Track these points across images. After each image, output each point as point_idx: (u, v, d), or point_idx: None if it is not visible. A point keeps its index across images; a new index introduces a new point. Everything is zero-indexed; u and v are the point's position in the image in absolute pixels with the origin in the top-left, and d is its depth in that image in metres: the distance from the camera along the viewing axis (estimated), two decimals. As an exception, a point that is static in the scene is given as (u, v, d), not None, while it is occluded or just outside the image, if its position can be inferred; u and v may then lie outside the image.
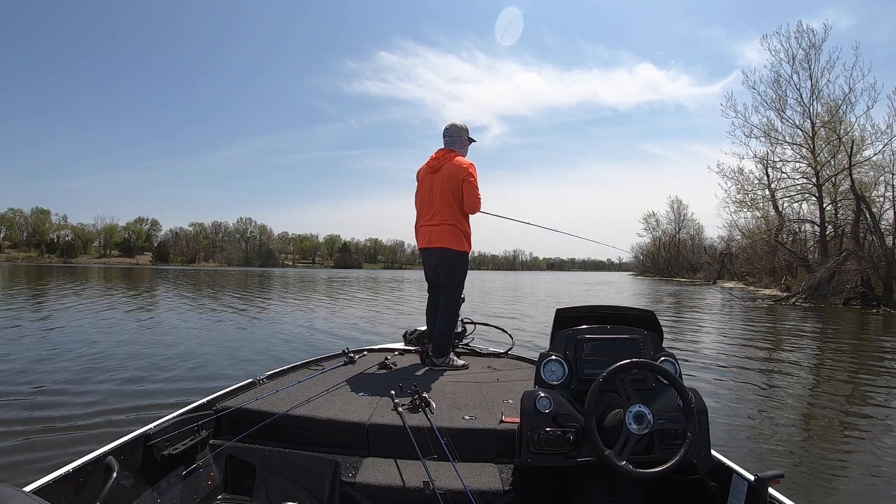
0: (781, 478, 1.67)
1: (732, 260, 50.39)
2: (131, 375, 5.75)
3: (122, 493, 1.88)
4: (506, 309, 16.51)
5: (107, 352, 7.14)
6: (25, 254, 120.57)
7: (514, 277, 71.87)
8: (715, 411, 4.54)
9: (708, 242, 70.40)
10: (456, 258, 3.71)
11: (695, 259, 68.50)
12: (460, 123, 3.93)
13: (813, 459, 3.75)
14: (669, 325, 12.24)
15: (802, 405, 5.36)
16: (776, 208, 33.79)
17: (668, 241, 76.56)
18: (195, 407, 2.40)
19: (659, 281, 58.86)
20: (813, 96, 28.46)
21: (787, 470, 3.24)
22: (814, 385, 6.41)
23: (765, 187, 32.16)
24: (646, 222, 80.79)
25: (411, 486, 1.97)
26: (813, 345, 9.92)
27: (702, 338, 10.38)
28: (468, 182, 3.65)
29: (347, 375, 3.10)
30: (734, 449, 3.81)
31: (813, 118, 28.47)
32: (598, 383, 1.79)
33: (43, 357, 6.66)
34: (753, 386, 6.04)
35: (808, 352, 9.05)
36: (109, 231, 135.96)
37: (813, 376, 6.96)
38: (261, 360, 6.78)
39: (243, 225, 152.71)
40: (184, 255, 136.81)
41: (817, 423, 4.75)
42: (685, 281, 55.69)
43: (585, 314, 2.16)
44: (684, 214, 76.75)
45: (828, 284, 20.67)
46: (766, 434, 4.30)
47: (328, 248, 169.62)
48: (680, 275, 66.87)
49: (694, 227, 74.98)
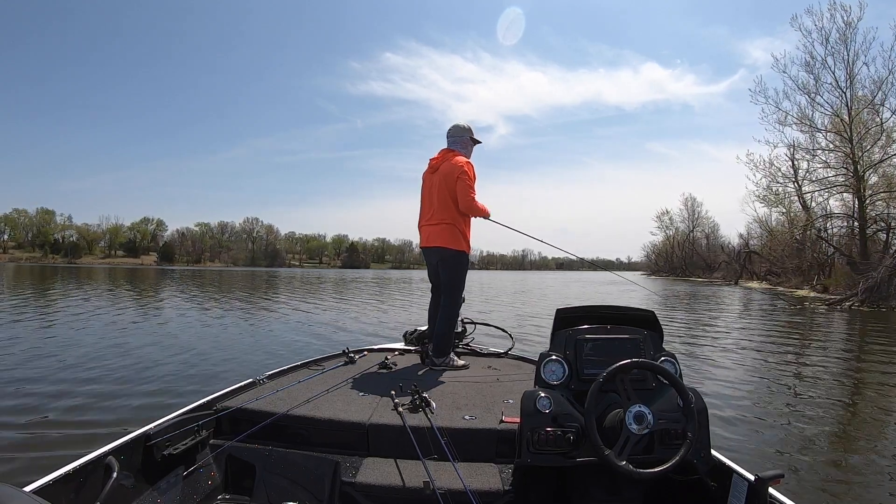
0: (781, 478, 1.66)
1: (751, 259, 48.93)
2: (131, 375, 5.75)
3: (123, 493, 1.88)
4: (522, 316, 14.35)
5: (106, 352, 7.15)
6: (29, 254, 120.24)
7: (523, 277, 70.12)
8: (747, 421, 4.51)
9: (723, 241, 68.96)
10: (454, 258, 3.71)
11: (711, 258, 66.89)
12: (464, 124, 3.93)
13: (813, 459, 3.71)
14: (718, 334, 10.78)
15: (822, 409, 5.06)
16: (803, 203, 32.09)
17: (683, 239, 74.98)
18: (195, 407, 2.39)
19: (674, 280, 57.22)
20: (848, 80, 26.54)
21: (787, 469, 3.25)
22: (852, 392, 5.97)
23: (792, 180, 30.55)
24: (659, 220, 79.37)
25: (411, 486, 1.96)
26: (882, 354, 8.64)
27: (760, 348, 8.96)
28: (461, 181, 3.65)
29: (348, 375, 3.11)
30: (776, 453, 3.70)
31: (849, 104, 26.43)
32: (598, 383, 1.78)
33: (42, 357, 6.67)
34: (811, 402, 5.34)
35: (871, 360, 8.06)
36: (114, 231, 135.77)
37: (860, 385, 6.36)
38: (261, 360, 6.79)
39: (249, 225, 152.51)
40: (189, 255, 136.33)
41: (825, 425, 4.63)
42: (702, 280, 54.11)
43: (585, 314, 2.15)
44: (698, 212, 75.16)
45: (888, 285, 18.51)
46: (794, 436, 4.18)
47: (335, 248, 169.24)
48: (695, 274, 65.36)
49: (709, 225, 73.40)
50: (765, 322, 13.89)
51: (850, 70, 26.33)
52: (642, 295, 23.79)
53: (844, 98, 26.63)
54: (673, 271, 75.04)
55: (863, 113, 26.02)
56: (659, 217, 79.62)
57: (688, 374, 6.15)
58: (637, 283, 34.54)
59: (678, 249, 75.46)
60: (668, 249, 78.51)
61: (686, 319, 13.81)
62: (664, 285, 41.88)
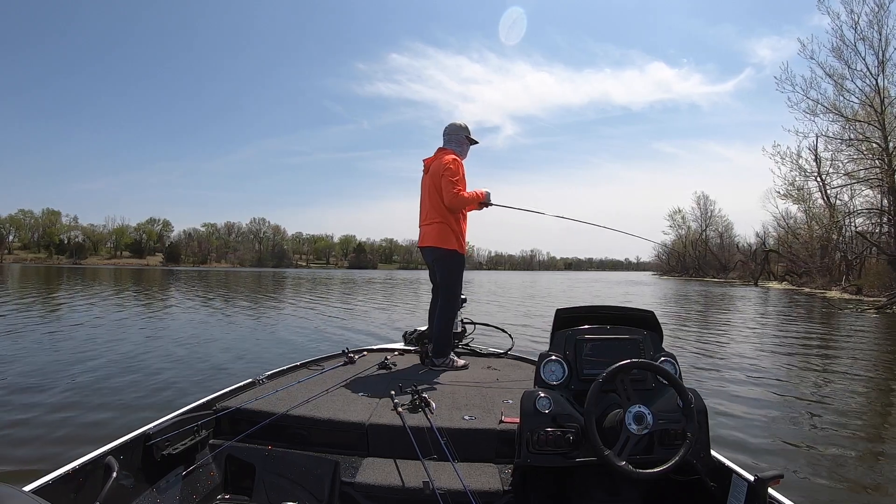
0: (781, 478, 1.64)
1: (767, 258, 47.52)
2: (130, 375, 5.72)
3: (122, 493, 1.87)
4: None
5: (105, 351, 7.13)
6: (34, 255, 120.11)
7: (534, 278, 67.86)
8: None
9: (737, 240, 67.34)
10: (447, 257, 3.69)
11: (725, 257, 65.18)
12: (460, 122, 3.90)
13: (813, 459, 3.64)
14: (784, 343, 9.53)
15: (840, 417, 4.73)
16: (826, 199, 30.56)
17: (696, 238, 73.32)
18: (195, 407, 2.38)
19: (687, 281, 55.68)
20: (880, 67, 24.84)
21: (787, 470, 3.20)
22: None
23: (815, 176, 29.08)
24: (671, 219, 77.75)
25: (411, 486, 1.95)
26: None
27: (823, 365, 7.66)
28: (444, 177, 3.62)
29: (347, 375, 3.09)
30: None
31: (882, 92, 24.84)
32: (597, 383, 1.77)
33: (42, 357, 6.67)
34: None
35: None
36: (120, 232, 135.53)
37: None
38: (261, 360, 6.75)
39: (256, 225, 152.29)
40: (195, 255, 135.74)
41: (826, 427, 4.47)
42: (717, 281, 52.54)
43: (585, 314, 2.14)
44: (711, 211, 73.49)
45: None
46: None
47: (343, 248, 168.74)
48: (709, 274, 63.73)
49: (722, 223, 71.67)
50: (830, 332, 11.88)
51: (883, 55, 24.86)
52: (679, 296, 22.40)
53: (876, 86, 25.13)
54: (685, 271, 73.46)
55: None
56: (671, 216, 78.18)
57: (750, 381, 6.05)
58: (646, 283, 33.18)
59: (691, 249, 73.79)
60: (681, 249, 76.82)
61: (737, 323, 12.72)
62: (683, 286, 40.84)
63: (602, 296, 25.67)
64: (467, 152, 3.91)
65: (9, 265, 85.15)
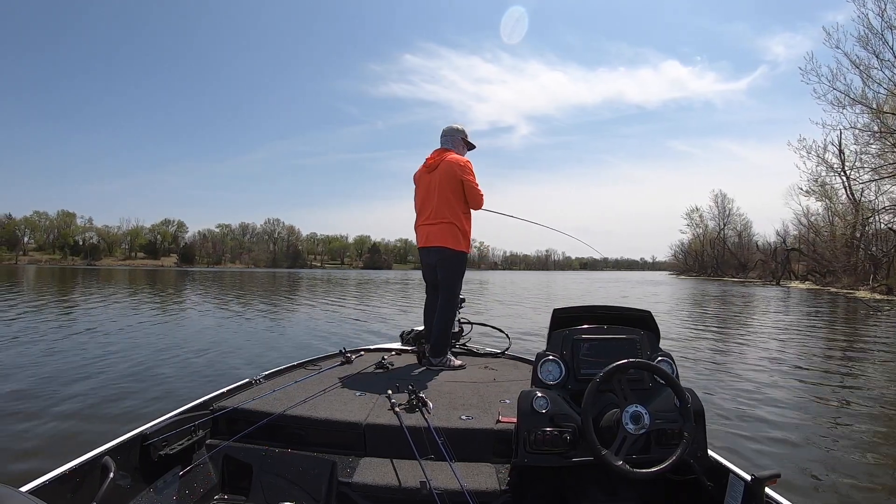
0: (778, 477, 1.63)
1: (789, 257, 46.58)
2: (130, 375, 5.68)
3: (119, 493, 1.87)
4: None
5: (104, 351, 7.08)
6: (49, 256, 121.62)
7: (549, 278, 66.29)
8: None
9: (756, 239, 66.20)
10: (454, 257, 3.67)
11: (744, 256, 64.08)
12: (458, 125, 3.91)
13: (813, 459, 3.56)
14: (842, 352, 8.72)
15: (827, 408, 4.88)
16: (851, 196, 29.62)
17: (714, 237, 72.23)
18: (192, 407, 2.38)
19: (706, 280, 54.55)
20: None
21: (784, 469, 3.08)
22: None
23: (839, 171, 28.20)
24: (689, 217, 76.69)
25: (408, 485, 1.94)
26: None
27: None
28: (467, 178, 3.61)
29: (344, 375, 3.10)
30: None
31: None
32: (594, 383, 1.76)
33: (41, 357, 6.63)
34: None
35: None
36: (134, 233, 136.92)
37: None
38: (258, 360, 6.71)
39: (271, 226, 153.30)
40: (210, 256, 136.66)
41: (824, 425, 4.38)
42: (737, 280, 51.45)
43: (582, 314, 2.13)
44: (729, 209, 72.34)
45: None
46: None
47: (357, 248, 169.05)
48: (728, 274, 62.63)
49: (741, 222, 70.52)
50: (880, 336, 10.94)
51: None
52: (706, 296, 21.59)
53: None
54: (703, 270, 72.35)
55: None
56: (689, 214, 77.17)
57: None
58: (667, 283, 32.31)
59: (709, 248, 72.70)
60: (699, 248, 75.73)
61: (787, 326, 11.97)
62: (703, 285, 39.87)
63: (630, 296, 24.77)
64: (464, 154, 3.91)
65: (24, 266, 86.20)
